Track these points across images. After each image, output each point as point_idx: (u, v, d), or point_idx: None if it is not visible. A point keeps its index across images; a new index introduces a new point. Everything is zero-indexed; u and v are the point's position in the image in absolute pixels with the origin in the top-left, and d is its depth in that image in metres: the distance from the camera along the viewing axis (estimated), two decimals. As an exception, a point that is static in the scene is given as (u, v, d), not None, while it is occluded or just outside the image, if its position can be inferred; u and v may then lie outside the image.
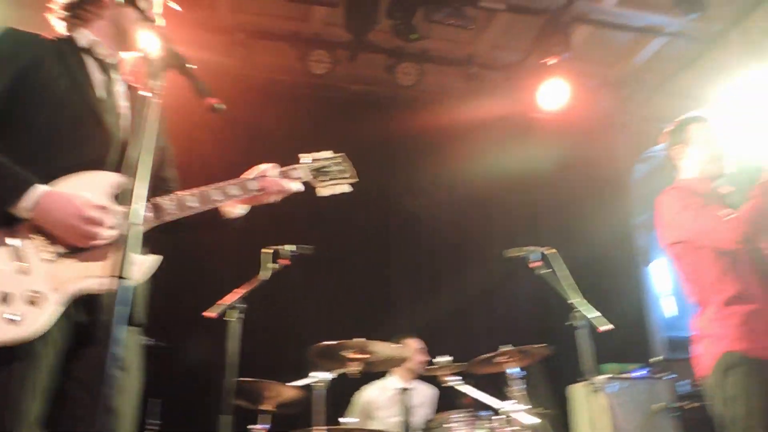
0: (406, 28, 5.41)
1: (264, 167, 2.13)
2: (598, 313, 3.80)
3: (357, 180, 2.32)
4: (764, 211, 2.55)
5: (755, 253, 2.66)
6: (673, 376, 5.12)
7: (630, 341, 6.21)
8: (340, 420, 3.97)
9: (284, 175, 2.15)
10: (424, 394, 4.76)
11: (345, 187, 2.29)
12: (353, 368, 3.52)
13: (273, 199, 2.13)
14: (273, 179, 2.10)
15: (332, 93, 5.90)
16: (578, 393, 5.08)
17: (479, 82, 6.04)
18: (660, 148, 3.14)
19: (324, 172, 2.27)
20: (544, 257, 3.92)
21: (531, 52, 5.96)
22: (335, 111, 5.82)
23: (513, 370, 3.84)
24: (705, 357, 2.63)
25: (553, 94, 5.92)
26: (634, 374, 5.08)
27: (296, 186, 2.16)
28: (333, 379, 3.61)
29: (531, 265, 4.00)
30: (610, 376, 4.92)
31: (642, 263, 6.89)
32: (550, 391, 5.13)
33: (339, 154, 2.32)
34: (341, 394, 4.36)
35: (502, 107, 6.07)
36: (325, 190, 2.27)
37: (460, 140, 5.96)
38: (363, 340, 3.51)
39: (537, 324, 5.45)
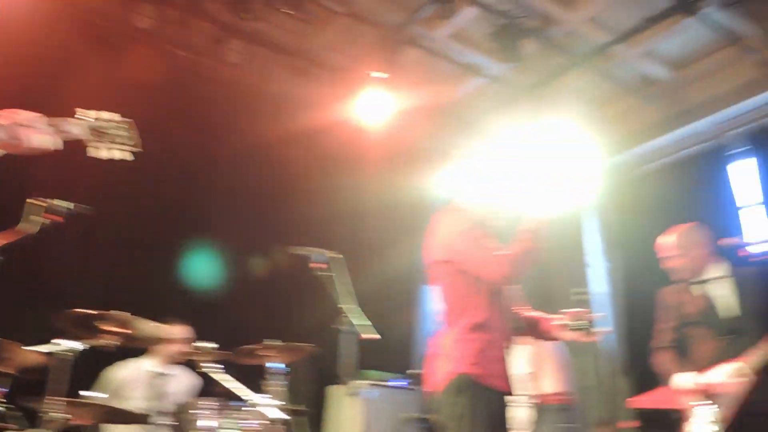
0: (242, 5, 5.32)
1: (27, 115, 1.99)
2: (368, 322, 3.95)
3: (140, 150, 2.24)
4: (528, 254, 2.78)
5: (504, 292, 2.92)
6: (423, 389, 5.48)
7: (398, 353, 6.59)
8: (81, 393, 3.78)
9: (54, 126, 2.02)
10: (183, 382, 4.64)
11: (125, 155, 2.20)
12: (109, 341, 3.37)
13: (26, 149, 1.98)
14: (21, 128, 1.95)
15: (152, 52, 5.61)
16: (336, 395, 5.27)
17: (306, 78, 6.06)
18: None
19: (104, 134, 2.16)
20: (329, 261, 4.03)
21: (362, 61, 6.11)
22: (151, 72, 5.52)
23: (274, 364, 3.90)
24: (440, 374, 2.79)
25: (373, 106, 6.08)
26: (391, 383, 5.37)
27: (52, 140, 2.03)
28: (84, 350, 3.43)
29: (312, 265, 4.11)
30: (369, 382, 5.16)
31: (420, 281, 7.33)
32: (313, 390, 5.29)
33: (126, 120, 2.22)
34: (91, 367, 4.14)
35: (322, 108, 6.12)
36: (100, 151, 2.16)
37: (274, 129, 5.94)
38: (124, 313, 3.39)
39: (310, 324, 5.56)
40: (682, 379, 3.71)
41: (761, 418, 3.46)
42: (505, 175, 3.12)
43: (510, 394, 2.80)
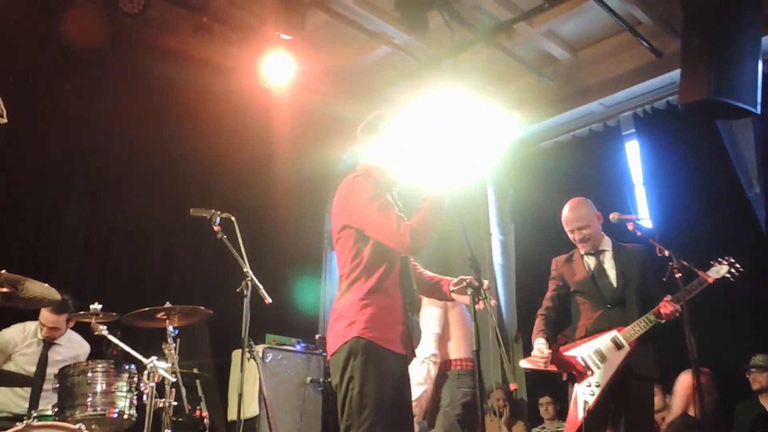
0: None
1: None
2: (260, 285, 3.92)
3: (5, 122, 2.11)
4: (429, 224, 2.83)
5: (405, 258, 2.97)
6: (325, 354, 5.53)
7: (306, 318, 6.62)
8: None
9: None
10: (72, 348, 4.46)
11: None
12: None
13: None
14: None
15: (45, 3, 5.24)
16: (236, 358, 5.24)
17: (208, 34, 5.84)
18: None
19: None
20: (222, 222, 3.96)
21: (266, 21, 5.95)
22: (42, 24, 5.16)
23: (171, 327, 3.82)
24: (336, 337, 2.81)
25: (278, 68, 5.97)
26: (294, 347, 5.39)
27: None
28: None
29: (215, 228, 4.03)
30: (268, 345, 5.16)
31: (329, 246, 7.36)
32: (212, 353, 5.23)
33: None
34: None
35: (226, 69, 5.94)
36: None
37: (176, 89, 5.74)
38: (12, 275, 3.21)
39: (213, 286, 5.48)
40: (536, 344, 3.93)
41: (637, 381, 3.74)
42: (409, 144, 3.14)
43: (408, 357, 2.86)
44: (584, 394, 3.76)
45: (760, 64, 4.85)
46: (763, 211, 5.82)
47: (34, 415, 3.56)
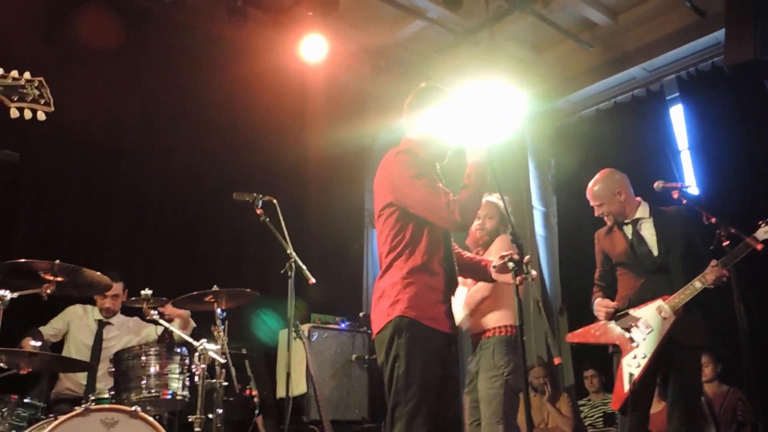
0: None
1: None
2: (304, 266, 3.97)
3: (53, 110, 2.16)
4: (476, 199, 2.80)
5: (448, 234, 2.96)
6: (369, 331, 5.59)
7: (346, 296, 6.68)
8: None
9: None
10: (125, 330, 4.59)
11: (40, 114, 2.12)
12: (46, 290, 3.29)
13: None
14: None
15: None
16: (283, 338, 5.33)
17: (243, 17, 5.87)
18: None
19: (19, 93, 2.08)
20: (264, 205, 4.01)
21: (301, 2, 5.95)
22: (76, 15, 5.22)
23: (219, 309, 3.90)
24: (381, 316, 2.80)
25: (313, 48, 5.97)
26: (337, 325, 5.47)
27: None
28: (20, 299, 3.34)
29: (258, 211, 4.09)
30: (313, 324, 5.24)
31: (369, 225, 7.39)
32: (262, 334, 5.34)
33: (37, 78, 2.13)
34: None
35: (262, 51, 5.97)
36: (17, 111, 2.08)
37: (213, 73, 5.80)
38: (62, 263, 3.31)
39: (260, 268, 5.57)
40: (596, 303, 3.90)
41: (683, 351, 3.68)
42: (455, 118, 3.10)
43: (452, 335, 2.85)
44: (630, 367, 3.71)
45: (810, 20, 4.68)
46: (815, 171, 5.63)
47: (92, 398, 3.69)
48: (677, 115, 6.68)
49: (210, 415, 3.61)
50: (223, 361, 3.58)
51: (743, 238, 3.51)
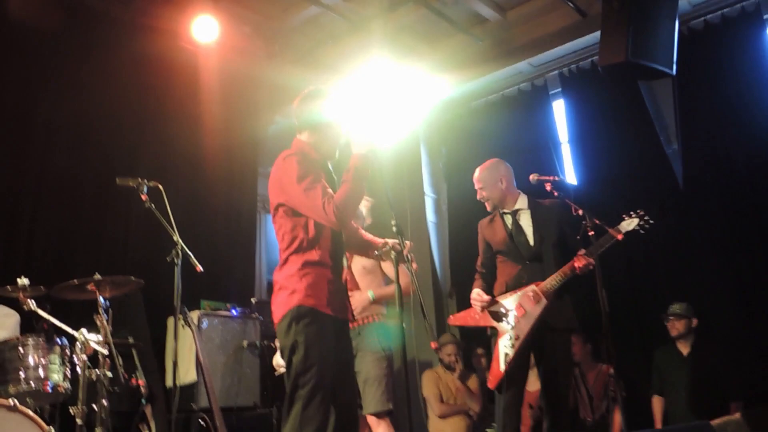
0: None
1: None
2: (190, 253, 3.94)
3: None
4: (353, 196, 2.96)
5: (338, 230, 3.08)
6: (261, 318, 5.60)
7: (241, 282, 6.63)
8: None
9: None
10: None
11: None
12: None
13: None
14: None
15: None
16: (171, 326, 5.24)
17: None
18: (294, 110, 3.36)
19: None
20: (149, 191, 3.94)
21: (192, -20, 5.82)
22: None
23: (102, 298, 3.80)
24: (280, 306, 2.99)
25: (204, 28, 5.84)
26: (228, 312, 5.43)
27: None
28: None
29: (143, 197, 4.00)
30: (203, 311, 5.19)
31: (262, 210, 7.36)
32: (149, 321, 5.22)
33: None
34: None
35: (150, 28, 5.78)
36: None
37: (96, 51, 5.58)
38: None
39: (146, 254, 5.43)
40: (473, 293, 4.15)
41: (554, 333, 3.96)
42: (337, 109, 3.24)
43: (344, 320, 3.04)
44: (505, 347, 3.95)
45: (677, 25, 5.05)
46: (680, 166, 6.11)
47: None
48: (559, 110, 7.04)
49: (94, 406, 3.54)
50: (105, 351, 3.50)
51: (606, 230, 3.80)
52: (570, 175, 6.84)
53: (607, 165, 6.49)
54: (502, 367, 3.94)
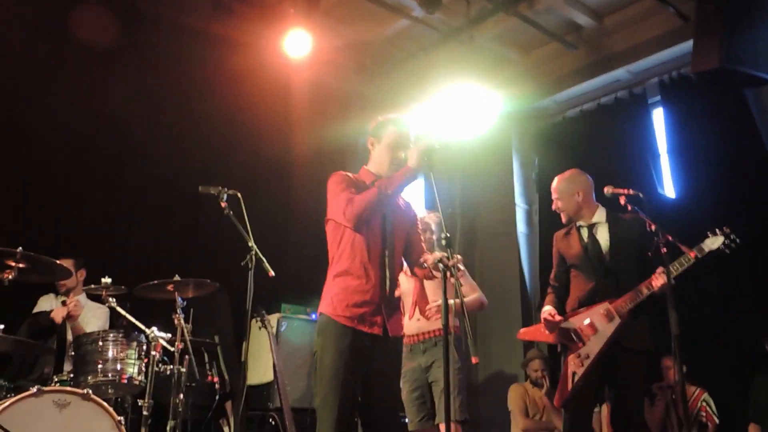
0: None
1: None
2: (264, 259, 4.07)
3: None
4: (371, 200, 3.00)
5: (380, 237, 3.12)
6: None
7: (320, 287, 6.78)
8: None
9: None
10: (92, 308, 4.74)
11: None
12: (7, 275, 3.46)
13: None
14: None
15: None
16: (254, 328, 5.47)
17: (227, 11, 5.99)
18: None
19: None
20: (229, 198, 4.13)
21: (286, -2, 6.04)
22: (58, 16, 5.34)
23: (180, 299, 4.05)
24: (319, 312, 3.12)
25: (297, 43, 6.03)
26: (307, 316, 5.59)
27: None
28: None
29: (222, 204, 4.21)
30: (283, 314, 5.37)
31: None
32: (234, 321, 5.49)
33: None
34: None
35: (247, 47, 6.04)
36: None
37: (197, 69, 5.92)
38: (24, 251, 3.47)
39: (224, 259, 5.71)
40: (544, 310, 4.03)
41: (627, 354, 3.77)
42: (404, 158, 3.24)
43: (375, 335, 3.03)
44: (573, 365, 3.82)
45: (779, 29, 4.72)
46: (789, 180, 5.66)
47: (56, 380, 3.87)
48: (658, 119, 6.72)
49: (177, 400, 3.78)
50: (171, 348, 3.72)
51: (679, 246, 3.60)
52: (669, 188, 6.50)
53: (708, 177, 6.11)
54: (570, 385, 3.82)
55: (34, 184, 5.18)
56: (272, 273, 4.13)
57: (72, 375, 3.82)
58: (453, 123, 6.67)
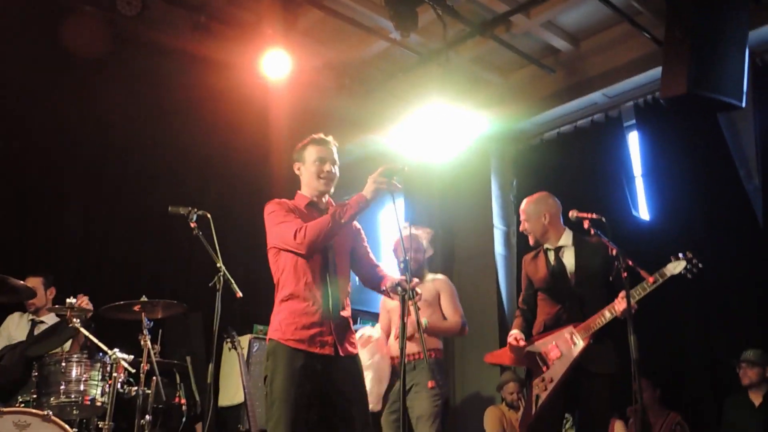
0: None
1: None
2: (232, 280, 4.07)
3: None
4: (324, 229, 3.02)
5: (327, 265, 3.15)
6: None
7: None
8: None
9: None
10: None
11: None
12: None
13: None
14: None
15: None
16: (225, 349, 5.46)
17: (206, 32, 6.02)
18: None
19: None
20: (199, 219, 4.13)
21: (265, 18, 6.08)
22: (40, 30, 5.36)
23: (147, 319, 4.04)
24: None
25: (276, 64, 6.06)
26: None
27: None
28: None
29: (191, 225, 4.21)
30: (255, 335, 5.36)
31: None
32: (200, 345, 5.46)
33: None
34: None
35: (225, 67, 6.06)
36: None
37: (174, 88, 5.95)
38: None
39: (191, 280, 5.71)
40: (510, 334, 4.04)
41: (591, 378, 3.78)
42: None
43: (327, 355, 3.04)
44: (538, 389, 3.82)
45: (746, 55, 4.78)
46: (761, 203, 5.72)
47: (20, 400, 3.84)
48: (634, 142, 6.78)
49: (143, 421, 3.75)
50: (133, 370, 3.70)
51: (638, 271, 3.62)
52: (643, 210, 6.55)
53: (682, 200, 6.18)
54: (533, 409, 3.82)
55: (6, 201, 5.17)
56: (240, 294, 4.11)
57: (35, 395, 3.79)
58: (432, 144, 6.72)
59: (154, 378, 4.07)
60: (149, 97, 5.92)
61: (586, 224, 3.87)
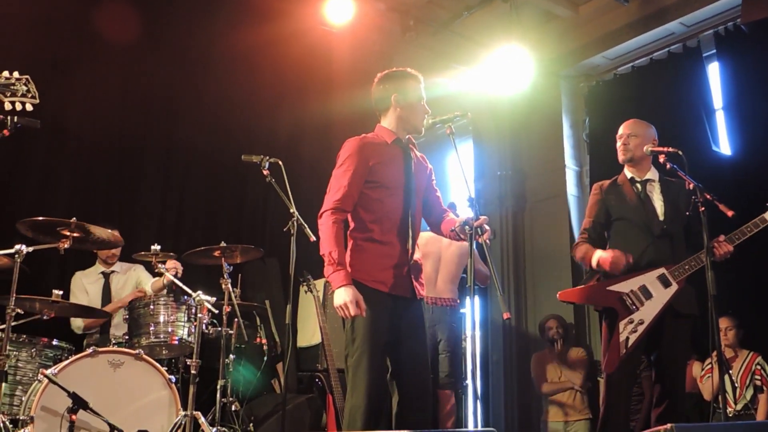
0: None
1: None
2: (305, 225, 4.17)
3: (38, 101, 2.51)
4: (323, 240, 3.04)
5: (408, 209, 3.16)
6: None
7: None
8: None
9: None
10: (128, 272, 4.93)
11: (28, 106, 2.50)
12: (63, 245, 3.64)
13: None
14: None
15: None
16: (301, 292, 5.63)
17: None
18: None
19: (10, 89, 2.45)
20: (271, 166, 4.22)
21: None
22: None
23: (226, 264, 4.21)
24: None
25: (339, 8, 6.03)
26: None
27: None
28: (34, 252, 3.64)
29: (264, 172, 4.31)
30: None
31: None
32: (278, 287, 5.65)
33: (24, 76, 2.50)
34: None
35: (286, 14, 6.07)
36: (9, 104, 2.46)
37: (238, 36, 6.00)
38: (78, 221, 3.66)
39: (268, 226, 5.86)
40: (598, 254, 3.75)
41: (678, 319, 3.69)
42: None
43: (405, 297, 3.07)
44: (626, 331, 3.72)
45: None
46: None
47: (112, 341, 4.10)
48: (714, 73, 6.45)
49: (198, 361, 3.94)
50: (215, 311, 3.87)
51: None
52: (724, 145, 6.27)
53: (766, 135, 5.86)
54: (622, 351, 3.71)
55: (88, 160, 5.41)
56: (313, 238, 4.21)
57: (126, 337, 4.03)
58: (500, 84, 6.59)
59: (236, 320, 4.25)
60: (213, 46, 5.99)
61: (662, 158, 3.72)
